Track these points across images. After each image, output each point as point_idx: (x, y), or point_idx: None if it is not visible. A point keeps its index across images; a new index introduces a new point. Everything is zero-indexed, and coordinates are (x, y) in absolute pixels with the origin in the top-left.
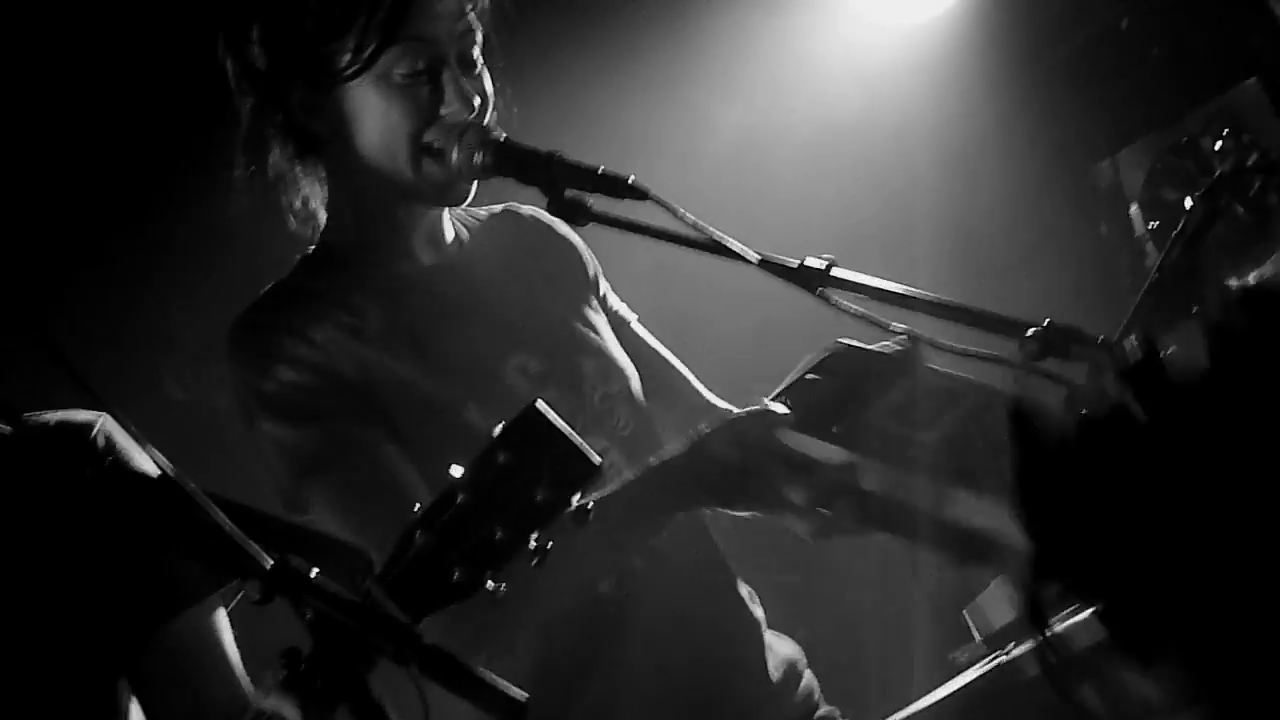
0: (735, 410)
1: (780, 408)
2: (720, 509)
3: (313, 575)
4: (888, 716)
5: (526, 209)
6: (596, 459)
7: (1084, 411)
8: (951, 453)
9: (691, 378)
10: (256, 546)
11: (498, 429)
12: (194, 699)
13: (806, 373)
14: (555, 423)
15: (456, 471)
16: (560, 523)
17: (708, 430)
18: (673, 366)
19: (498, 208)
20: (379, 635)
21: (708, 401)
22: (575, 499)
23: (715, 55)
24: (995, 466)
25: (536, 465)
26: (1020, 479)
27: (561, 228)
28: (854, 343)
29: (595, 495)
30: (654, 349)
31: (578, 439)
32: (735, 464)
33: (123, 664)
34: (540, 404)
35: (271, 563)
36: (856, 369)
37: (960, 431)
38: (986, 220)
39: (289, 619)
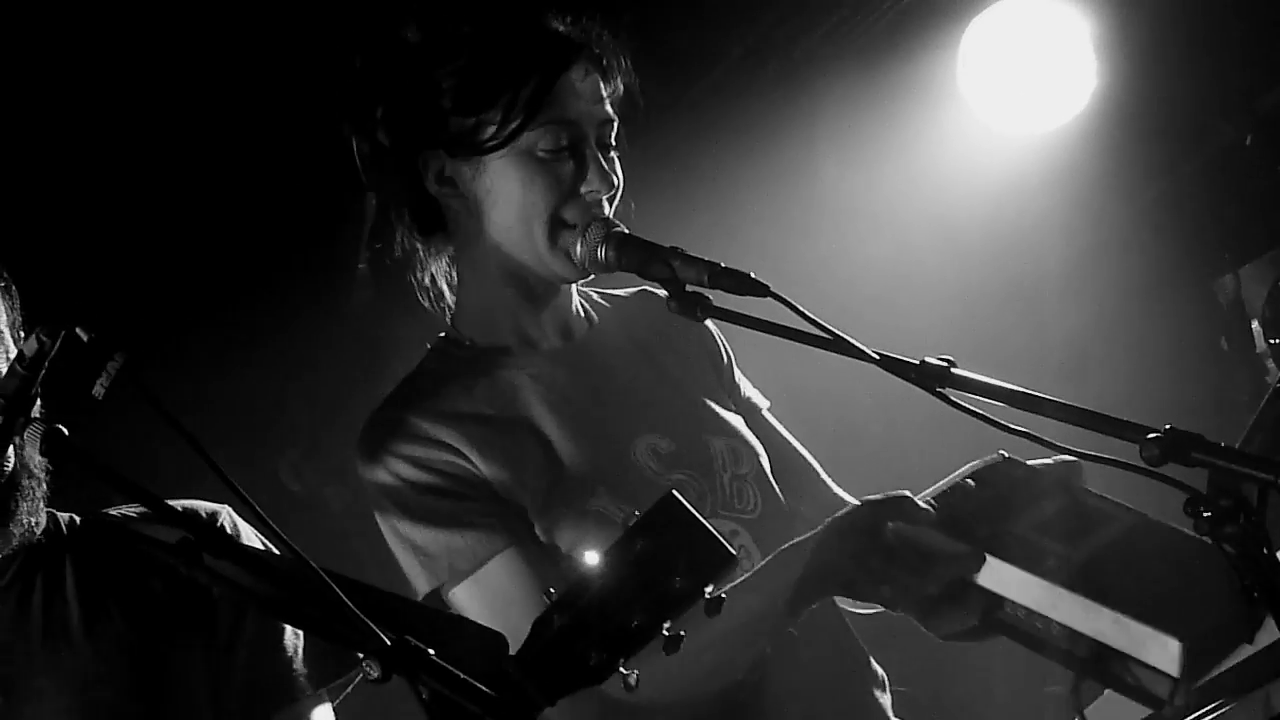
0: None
1: (920, 502)
2: (848, 597)
3: (431, 654)
4: None
5: (662, 291)
6: (733, 550)
7: (1205, 514)
8: (1094, 572)
9: (820, 469)
10: (376, 626)
11: (635, 516)
12: None
13: (964, 479)
14: (691, 512)
15: (592, 558)
16: (694, 612)
17: (843, 513)
18: (802, 456)
19: (632, 290)
20: (495, 716)
21: (836, 494)
22: (709, 589)
23: (842, 159)
24: (1136, 590)
25: (672, 553)
26: None
27: None
28: (1013, 456)
29: (728, 586)
30: (784, 437)
31: (713, 529)
32: (866, 547)
33: None
34: (676, 493)
35: (391, 641)
36: (1012, 481)
37: (1107, 553)
38: (1109, 326)
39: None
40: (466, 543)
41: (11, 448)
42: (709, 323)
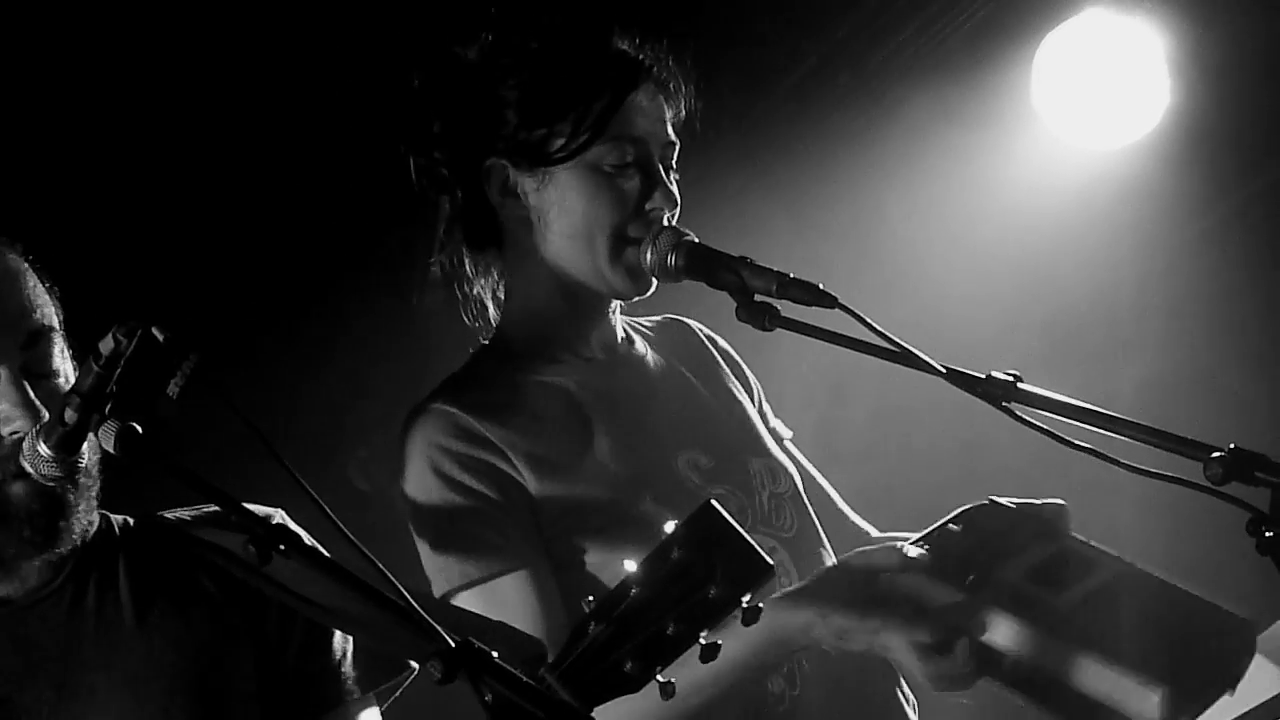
0: (874, 533)
1: (914, 549)
2: (841, 646)
3: (495, 656)
4: None
5: (693, 323)
6: (770, 561)
7: (1267, 534)
8: (1083, 619)
9: (838, 498)
10: (441, 628)
11: (670, 526)
12: None
13: (949, 522)
14: (730, 522)
15: (630, 566)
16: (730, 621)
17: (835, 564)
18: (821, 486)
19: (659, 319)
20: (545, 709)
21: (854, 523)
22: (746, 599)
23: (913, 172)
24: (1120, 639)
25: (710, 563)
26: None
27: (723, 343)
28: (1003, 500)
29: (764, 598)
30: (805, 465)
31: (751, 540)
32: (860, 598)
33: None
34: (715, 502)
35: (456, 643)
36: (999, 526)
37: (1095, 601)
38: (1181, 342)
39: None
40: (483, 550)
41: (87, 443)
42: (728, 346)
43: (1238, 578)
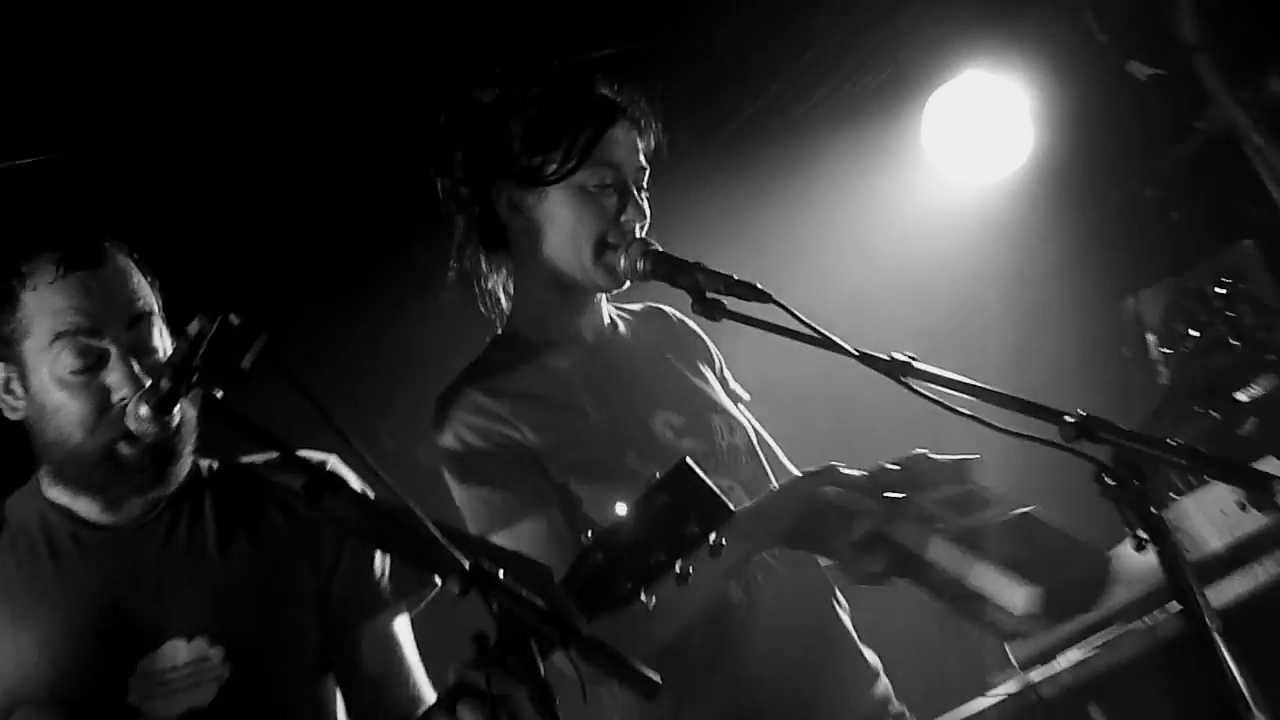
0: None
1: (849, 470)
2: (788, 547)
3: (501, 575)
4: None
5: (666, 308)
6: (732, 508)
7: (1108, 481)
8: (978, 536)
9: (780, 452)
10: (458, 551)
11: (657, 476)
12: (373, 695)
13: (889, 463)
14: (701, 477)
15: (622, 509)
16: (700, 553)
17: (787, 481)
18: (768, 441)
19: (640, 306)
20: (549, 625)
21: (787, 468)
22: (713, 536)
23: (827, 203)
24: (1003, 553)
25: (686, 507)
26: None
27: (692, 324)
28: (929, 453)
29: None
30: (754, 423)
31: (718, 489)
32: (798, 511)
33: (327, 661)
34: (689, 460)
35: (469, 564)
36: (923, 468)
37: (989, 526)
38: (1036, 335)
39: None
40: (506, 502)
41: (177, 406)
42: (703, 332)
43: (1078, 518)
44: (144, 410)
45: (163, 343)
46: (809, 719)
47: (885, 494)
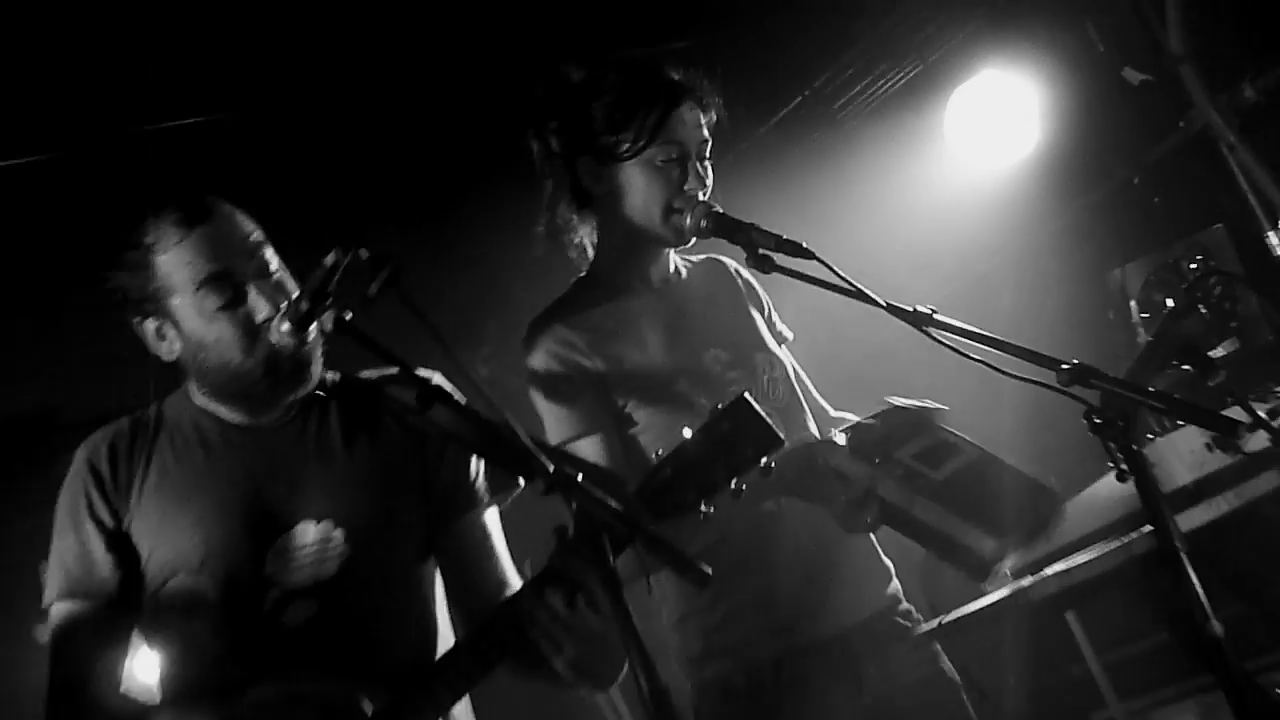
0: (832, 412)
1: (841, 439)
2: (795, 498)
3: (579, 478)
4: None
5: (724, 259)
6: (782, 436)
7: (1096, 420)
8: (948, 488)
9: (812, 387)
10: (543, 457)
11: (719, 407)
12: (468, 578)
13: (865, 419)
14: (758, 408)
15: (688, 433)
16: (753, 474)
17: (788, 449)
18: (801, 375)
19: (702, 257)
20: (619, 522)
21: (821, 404)
22: (764, 460)
23: (862, 179)
24: (970, 500)
25: (744, 435)
26: None
27: (745, 274)
28: (900, 402)
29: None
30: (793, 361)
31: (772, 421)
32: (804, 473)
33: (429, 547)
34: (747, 394)
35: (552, 467)
36: (900, 420)
37: (958, 475)
38: (1040, 296)
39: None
40: (577, 419)
41: (313, 326)
42: (754, 280)
43: (1065, 450)
44: (285, 326)
45: (279, 266)
46: (827, 608)
47: (871, 456)
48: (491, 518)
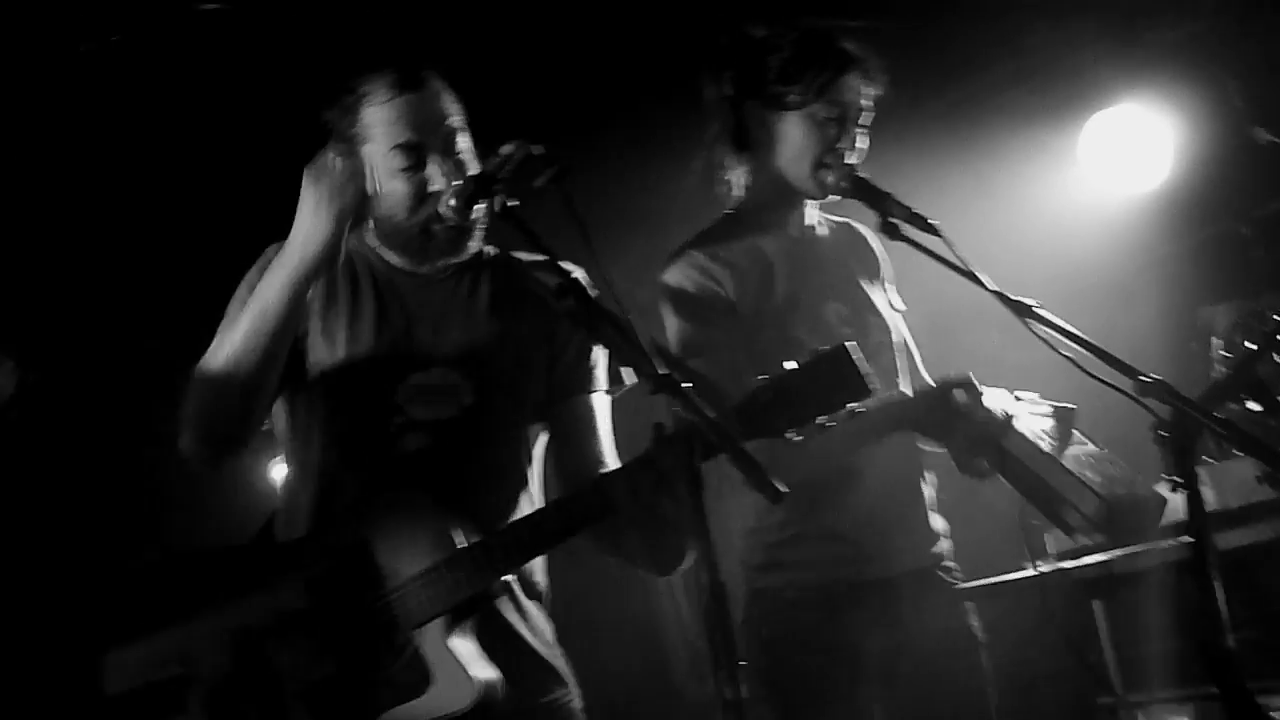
0: (929, 379)
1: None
2: (921, 435)
3: (683, 383)
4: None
5: (858, 224)
6: (872, 386)
7: (1162, 433)
8: (1066, 459)
9: (917, 355)
10: (657, 360)
11: (825, 349)
12: (572, 450)
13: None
14: (856, 358)
15: (791, 365)
16: (841, 415)
17: (924, 389)
18: (907, 341)
19: (840, 217)
20: (714, 431)
21: (923, 374)
22: (853, 405)
23: (996, 179)
24: (1084, 470)
25: (840, 378)
26: None
27: (875, 243)
28: (1039, 397)
29: (860, 405)
30: (901, 328)
31: (866, 371)
32: (935, 410)
33: (543, 415)
34: (850, 345)
35: (663, 371)
36: (1041, 409)
37: (1078, 457)
38: (1132, 316)
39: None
40: (701, 337)
41: (479, 205)
42: (879, 246)
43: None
44: (454, 201)
45: (466, 147)
46: (883, 553)
47: (1006, 413)
48: (602, 403)
